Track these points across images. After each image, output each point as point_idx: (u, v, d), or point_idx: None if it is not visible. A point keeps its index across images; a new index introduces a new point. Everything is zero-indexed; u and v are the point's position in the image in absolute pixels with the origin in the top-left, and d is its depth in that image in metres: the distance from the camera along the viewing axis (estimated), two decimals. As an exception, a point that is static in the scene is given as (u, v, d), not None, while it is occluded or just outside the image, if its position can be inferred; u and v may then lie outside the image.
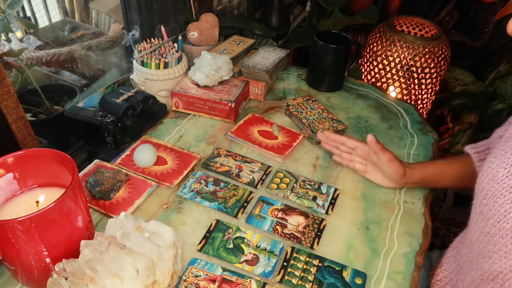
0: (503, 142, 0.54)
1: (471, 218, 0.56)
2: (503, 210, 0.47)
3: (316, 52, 1.04)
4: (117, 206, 0.69)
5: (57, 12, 1.32)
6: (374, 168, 0.76)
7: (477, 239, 0.52)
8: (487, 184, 0.51)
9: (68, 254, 0.51)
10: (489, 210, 0.50)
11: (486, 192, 0.51)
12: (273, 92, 1.06)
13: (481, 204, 0.52)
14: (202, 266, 0.60)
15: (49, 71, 1.08)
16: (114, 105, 0.86)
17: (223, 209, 0.70)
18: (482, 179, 0.53)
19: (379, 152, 0.71)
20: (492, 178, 0.51)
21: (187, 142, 0.86)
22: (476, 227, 0.53)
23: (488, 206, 0.50)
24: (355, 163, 0.78)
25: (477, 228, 0.53)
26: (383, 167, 0.73)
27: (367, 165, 0.77)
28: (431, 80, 1.41)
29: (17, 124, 0.67)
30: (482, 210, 0.52)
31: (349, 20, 1.55)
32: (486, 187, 0.51)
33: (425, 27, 1.43)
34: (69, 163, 0.54)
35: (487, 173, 0.52)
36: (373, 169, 0.76)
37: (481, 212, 0.52)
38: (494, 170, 0.51)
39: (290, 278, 0.60)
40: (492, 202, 0.49)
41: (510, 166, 0.49)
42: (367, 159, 0.76)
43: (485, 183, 0.52)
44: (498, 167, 0.51)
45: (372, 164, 0.76)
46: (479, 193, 0.53)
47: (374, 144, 0.71)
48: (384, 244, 0.66)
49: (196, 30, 1.06)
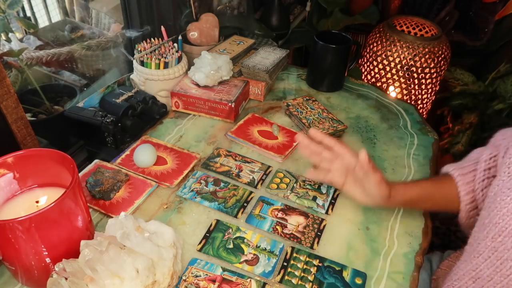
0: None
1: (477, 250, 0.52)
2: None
3: (316, 52, 1.04)
4: (117, 206, 0.69)
5: (57, 12, 1.32)
6: (354, 182, 0.67)
7: (490, 277, 0.49)
8: (501, 219, 0.47)
9: (68, 254, 0.51)
10: (507, 251, 0.46)
11: (500, 229, 0.48)
12: (273, 92, 1.06)
13: (494, 240, 0.48)
14: (202, 266, 0.60)
15: (49, 71, 1.08)
16: (114, 105, 0.86)
17: (223, 209, 0.70)
18: (495, 212, 0.49)
19: (370, 171, 0.63)
20: (508, 214, 0.47)
21: (187, 142, 0.86)
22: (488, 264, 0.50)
23: (505, 245, 0.47)
24: (334, 174, 0.68)
25: (489, 265, 0.50)
26: (369, 187, 0.65)
27: (347, 177, 0.67)
28: (431, 80, 1.41)
29: (17, 124, 0.67)
30: (496, 248, 0.48)
31: (349, 20, 1.56)
32: (501, 223, 0.47)
33: (425, 27, 1.43)
34: (69, 163, 0.54)
35: (501, 207, 0.48)
36: (353, 184, 0.67)
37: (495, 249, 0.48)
38: (509, 204, 0.47)
39: (290, 278, 0.60)
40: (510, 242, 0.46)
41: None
42: (348, 171, 0.67)
43: (499, 217, 0.48)
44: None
45: (353, 178, 0.67)
46: (492, 227, 0.49)
47: (367, 162, 0.63)
48: (384, 244, 0.66)
49: (196, 30, 1.06)
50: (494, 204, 0.50)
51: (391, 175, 0.80)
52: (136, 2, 1.00)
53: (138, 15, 1.02)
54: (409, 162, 0.84)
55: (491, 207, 0.51)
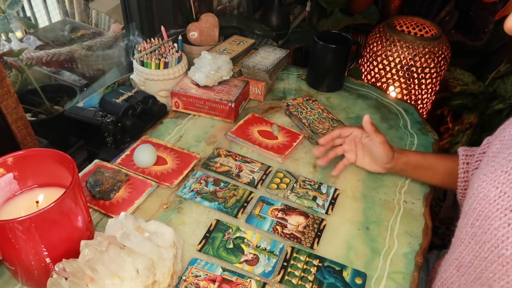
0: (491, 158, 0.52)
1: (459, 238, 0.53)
2: (500, 235, 0.44)
3: (316, 52, 1.04)
4: (117, 206, 0.69)
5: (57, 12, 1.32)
6: (363, 152, 0.76)
7: (471, 262, 0.50)
8: (478, 204, 0.49)
9: (68, 254, 0.51)
10: (484, 233, 0.47)
11: (478, 213, 0.49)
12: (273, 92, 1.06)
13: (473, 225, 0.49)
14: (202, 266, 0.60)
15: (49, 71, 1.08)
16: (114, 105, 0.86)
17: (223, 209, 0.70)
18: (472, 198, 0.50)
19: (373, 133, 0.71)
20: (484, 198, 0.48)
21: (187, 142, 0.86)
22: (469, 250, 0.51)
23: (482, 228, 0.47)
24: (348, 153, 0.77)
25: (469, 251, 0.50)
26: (374, 149, 0.73)
27: (357, 151, 0.77)
28: (431, 80, 1.41)
29: (17, 124, 0.67)
30: (475, 232, 0.49)
31: (349, 20, 1.56)
32: (478, 208, 0.49)
33: (425, 27, 1.43)
34: (69, 163, 0.54)
35: (478, 192, 0.49)
36: (361, 154, 0.76)
37: (474, 234, 0.49)
38: (485, 189, 0.48)
39: (290, 278, 0.60)
40: (487, 224, 0.47)
41: (502, 185, 0.46)
42: (357, 144, 0.76)
43: (476, 202, 0.49)
44: (489, 186, 0.48)
45: (361, 149, 0.76)
46: (470, 213, 0.50)
47: (370, 124, 0.71)
48: (384, 244, 0.66)
49: (196, 30, 1.06)
50: (472, 191, 0.51)
51: (391, 175, 0.80)
52: (136, 2, 1.00)
53: (138, 15, 1.02)
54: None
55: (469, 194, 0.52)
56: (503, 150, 0.51)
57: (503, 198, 0.45)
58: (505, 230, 0.44)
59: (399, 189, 0.77)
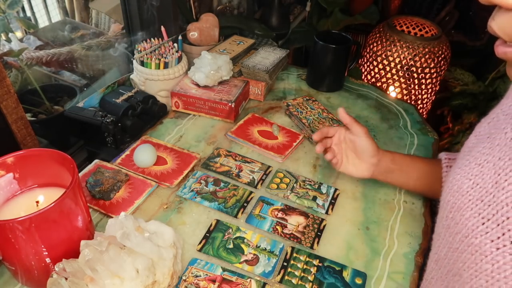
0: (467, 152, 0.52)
1: (437, 232, 0.53)
2: (470, 224, 0.44)
3: (316, 52, 1.04)
4: (117, 206, 0.69)
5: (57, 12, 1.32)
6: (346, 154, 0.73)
7: (446, 255, 0.50)
8: (452, 196, 0.49)
9: (68, 254, 0.51)
10: (456, 224, 0.47)
11: (451, 205, 0.49)
12: (273, 92, 1.06)
13: (447, 217, 0.50)
14: (202, 266, 0.60)
15: (49, 71, 1.08)
16: (114, 105, 0.86)
17: (223, 209, 0.70)
18: (447, 191, 0.51)
19: (354, 123, 0.70)
20: (457, 190, 0.48)
21: (187, 142, 0.86)
22: (444, 242, 0.51)
23: (455, 220, 0.48)
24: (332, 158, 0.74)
25: (445, 244, 0.51)
26: (358, 142, 0.70)
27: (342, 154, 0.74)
28: (431, 80, 1.41)
29: (17, 124, 0.67)
30: (448, 224, 0.49)
31: (349, 20, 1.55)
32: (452, 200, 0.49)
33: (425, 27, 1.43)
34: (69, 163, 0.54)
35: (452, 185, 0.50)
36: (345, 157, 0.73)
37: (448, 226, 0.50)
38: (458, 181, 0.49)
39: (290, 278, 0.60)
40: (459, 215, 0.47)
41: (475, 177, 0.46)
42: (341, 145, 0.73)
43: (450, 195, 0.49)
44: (462, 178, 0.48)
45: (346, 149, 0.73)
46: (445, 206, 0.51)
47: (347, 115, 0.70)
48: (384, 244, 0.66)
49: (196, 30, 1.06)
50: (447, 184, 0.52)
51: (391, 175, 0.81)
52: (136, 2, 1.00)
53: (138, 15, 1.02)
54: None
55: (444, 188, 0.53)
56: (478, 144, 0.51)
57: (475, 189, 0.46)
58: (475, 220, 0.44)
59: (399, 189, 0.77)
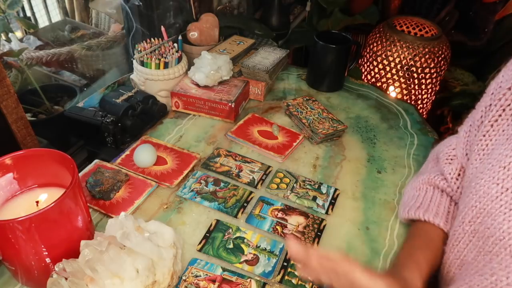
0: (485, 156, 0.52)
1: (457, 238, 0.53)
2: (505, 228, 0.45)
3: (316, 52, 1.04)
4: (117, 206, 0.69)
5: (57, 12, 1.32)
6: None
7: (475, 258, 0.51)
8: (478, 202, 0.49)
9: (68, 254, 0.51)
10: (487, 229, 0.48)
11: (478, 211, 0.49)
12: (273, 92, 1.06)
13: (474, 223, 0.50)
14: (202, 266, 0.60)
15: (49, 71, 1.08)
16: (114, 105, 0.86)
17: (223, 209, 0.70)
18: (470, 196, 0.51)
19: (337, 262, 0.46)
20: (484, 196, 0.49)
21: (187, 142, 0.86)
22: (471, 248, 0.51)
23: (485, 224, 0.48)
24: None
25: (472, 249, 0.51)
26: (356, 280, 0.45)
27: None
28: (431, 80, 1.41)
29: (17, 124, 0.67)
30: (476, 229, 0.50)
31: (349, 20, 1.55)
32: (478, 205, 0.49)
33: (425, 27, 1.43)
34: (69, 163, 0.54)
35: (476, 190, 0.50)
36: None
37: (475, 231, 0.50)
38: (484, 186, 0.49)
39: (290, 278, 0.60)
40: (490, 220, 0.47)
41: (502, 181, 0.47)
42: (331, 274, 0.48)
43: (475, 200, 0.50)
44: (488, 183, 0.48)
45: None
46: (468, 212, 0.51)
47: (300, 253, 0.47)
48: (384, 244, 0.66)
49: (196, 30, 1.06)
50: (469, 190, 0.52)
51: (391, 175, 0.81)
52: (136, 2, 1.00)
53: (138, 15, 1.02)
54: (409, 162, 0.84)
55: (466, 192, 0.53)
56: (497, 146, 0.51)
57: (506, 194, 0.46)
58: (510, 224, 0.45)
59: (399, 189, 0.77)
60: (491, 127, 0.53)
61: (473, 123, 0.59)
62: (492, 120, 0.53)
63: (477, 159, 0.54)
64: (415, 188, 0.67)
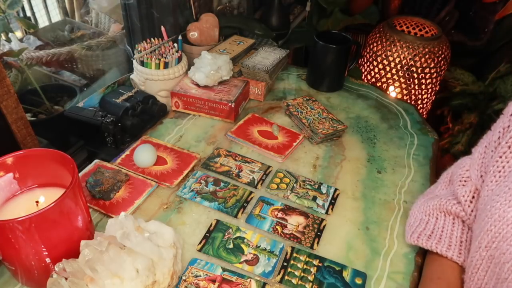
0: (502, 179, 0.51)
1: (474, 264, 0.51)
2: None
3: (316, 52, 1.04)
4: (117, 206, 0.69)
5: (57, 12, 1.32)
6: None
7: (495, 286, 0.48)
8: (493, 226, 0.47)
9: (68, 254, 0.51)
10: (502, 254, 0.46)
11: (493, 235, 0.47)
12: (273, 92, 1.06)
13: (490, 248, 0.48)
14: (202, 266, 0.60)
15: (49, 71, 1.08)
16: (114, 105, 0.86)
17: (223, 209, 0.70)
18: (486, 220, 0.49)
19: None
20: (499, 219, 0.47)
21: (187, 142, 0.86)
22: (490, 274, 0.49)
23: (501, 250, 0.46)
24: None
25: (491, 275, 0.49)
26: None
27: None
28: (431, 80, 1.41)
29: (17, 124, 0.67)
30: (492, 255, 0.48)
31: (349, 20, 1.55)
32: (494, 229, 0.47)
33: (425, 27, 1.43)
34: (69, 163, 0.54)
35: (492, 214, 0.48)
36: None
37: (491, 256, 0.48)
38: (499, 210, 0.47)
39: (290, 278, 0.60)
40: (505, 245, 0.46)
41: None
42: None
43: (490, 224, 0.48)
44: (504, 206, 0.47)
45: None
46: (484, 237, 0.49)
47: None
48: (384, 244, 0.66)
49: (196, 30, 1.06)
50: (485, 213, 0.50)
51: (391, 175, 0.81)
52: (136, 2, 1.00)
53: (138, 15, 1.02)
54: (409, 162, 0.84)
55: (481, 216, 0.51)
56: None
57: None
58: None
59: (399, 189, 0.77)
60: (508, 149, 0.52)
61: (489, 144, 0.57)
62: (510, 141, 0.52)
63: (493, 181, 0.52)
64: (424, 212, 0.65)
